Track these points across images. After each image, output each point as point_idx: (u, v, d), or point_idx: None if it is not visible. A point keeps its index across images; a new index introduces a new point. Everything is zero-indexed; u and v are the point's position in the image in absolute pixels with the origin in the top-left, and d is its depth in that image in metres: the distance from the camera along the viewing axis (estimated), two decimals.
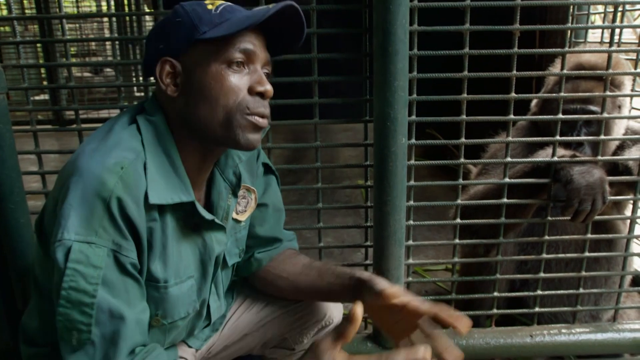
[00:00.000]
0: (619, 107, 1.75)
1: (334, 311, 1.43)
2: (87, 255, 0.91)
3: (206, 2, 1.06)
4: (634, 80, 1.81)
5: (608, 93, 1.59)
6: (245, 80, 1.05)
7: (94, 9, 7.33)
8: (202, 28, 1.01)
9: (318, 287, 1.32)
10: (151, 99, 1.10)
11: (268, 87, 1.06)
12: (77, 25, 7.18)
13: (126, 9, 6.18)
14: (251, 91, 1.05)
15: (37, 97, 7.05)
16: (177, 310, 1.11)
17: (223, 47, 1.02)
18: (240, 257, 1.31)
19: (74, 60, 6.65)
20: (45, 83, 6.11)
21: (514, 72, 1.55)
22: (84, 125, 1.65)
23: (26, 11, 7.02)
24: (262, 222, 1.35)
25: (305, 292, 1.36)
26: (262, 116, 1.07)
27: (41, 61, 5.84)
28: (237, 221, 1.26)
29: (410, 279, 1.75)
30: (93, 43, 7.18)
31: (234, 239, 1.27)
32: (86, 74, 7.18)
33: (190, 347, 1.27)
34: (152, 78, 1.08)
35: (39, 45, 6.22)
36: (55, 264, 0.91)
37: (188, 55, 1.03)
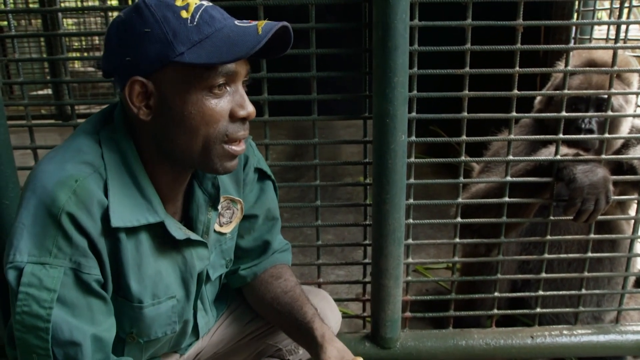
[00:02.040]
0: (628, 101, 1.72)
1: (331, 320, 1.37)
2: (39, 278, 0.88)
3: (177, 2, 0.93)
4: None
5: (615, 90, 1.57)
6: (226, 104, 0.96)
7: (97, 3, 7.32)
8: (179, 47, 0.90)
9: (280, 325, 1.29)
10: (119, 109, 1.01)
11: (250, 110, 0.99)
12: (81, 19, 7.17)
13: (129, 2, 6.16)
14: (233, 116, 0.97)
15: (40, 92, 7.05)
16: (153, 330, 1.07)
17: (204, 72, 0.92)
18: (227, 267, 1.26)
19: (77, 54, 6.66)
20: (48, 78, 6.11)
21: (517, 68, 1.52)
22: (82, 121, 1.63)
23: (30, 5, 7.01)
24: (249, 233, 1.29)
25: (274, 324, 1.33)
26: (241, 140, 1.01)
27: (44, 55, 5.83)
28: (220, 233, 1.20)
29: (409, 278, 1.73)
30: (97, 38, 7.16)
31: (219, 251, 1.22)
32: (90, 69, 7.16)
33: (174, 352, 1.25)
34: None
35: (42, 39, 6.21)
36: (10, 286, 0.89)
37: (162, 75, 0.93)
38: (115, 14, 1.88)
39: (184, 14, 0.92)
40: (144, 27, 0.91)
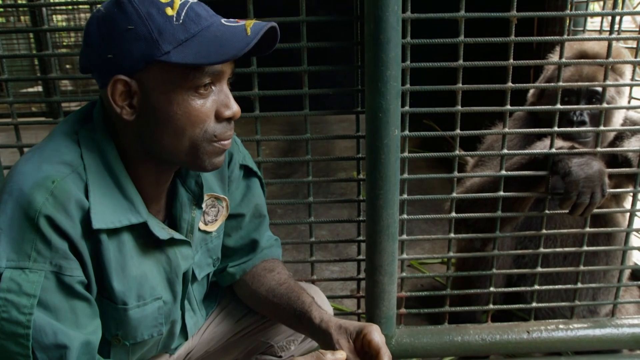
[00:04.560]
0: (619, 92, 1.71)
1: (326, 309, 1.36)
2: (18, 284, 0.86)
3: None
4: (634, 70, 1.77)
5: (609, 82, 1.55)
6: (211, 104, 0.95)
7: None
8: (165, 46, 0.88)
9: (279, 317, 1.26)
10: (98, 108, 0.99)
11: (235, 109, 0.98)
12: (71, 16, 7.09)
13: None
14: (218, 116, 0.96)
15: (31, 89, 6.98)
16: (139, 332, 1.05)
17: (190, 72, 0.90)
18: (214, 266, 1.24)
19: (67, 51, 6.59)
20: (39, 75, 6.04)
21: (511, 60, 1.50)
22: None
23: (19, 1, 6.92)
24: (236, 232, 1.27)
25: (271, 316, 1.31)
26: (229, 139, 1.00)
27: (34, 52, 5.76)
28: (206, 232, 1.18)
29: (404, 274, 1.71)
30: None
31: (205, 250, 1.20)
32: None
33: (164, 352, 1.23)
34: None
35: (32, 35, 6.13)
36: None
37: (146, 74, 0.90)
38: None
39: (169, 11, 0.89)
40: (127, 23, 0.88)
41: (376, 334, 1.07)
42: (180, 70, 0.90)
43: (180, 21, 0.89)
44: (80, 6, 6.25)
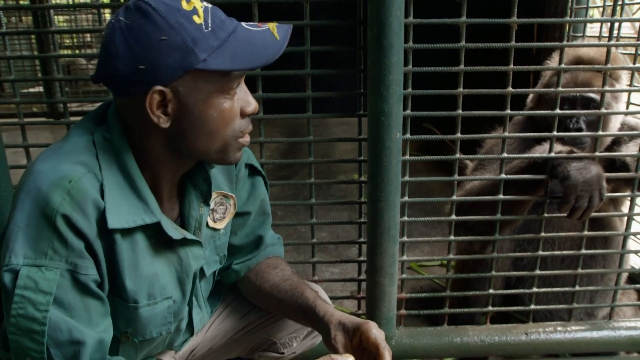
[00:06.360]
0: (616, 97, 1.73)
1: None
2: (35, 281, 0.88)
3: (183, 6, 0.91)
4: (632, 75, 1.79)
5: (607, 87, 1.57)
6: (237, 103, 1.00)
7: (89, 0, 7.23)
8: (201, 55, 0.90)
9: (283, 311, 1.29)
10: (113, 110, 1.00)
11: (255, 104, 1.03)
12: (73, 16, 7.11)
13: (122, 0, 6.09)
14: (242, 113, 1.01)
15: (32, 89, 6.99)
16: (148, 330, 1.07)
17: (223, 76, 0.94)
18: (221, 263, 1.26)
19: (69, 52, 6.61)
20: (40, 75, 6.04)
21: (512, 66, 1.52)
22: (75, 119, 1.61)
23: (21, 2, 6.94)
24: (242, 229, 1.29)
25: (276, 311, 1.33)
26: (249, 132, 1.05)
27: (35, 52, 5.78)
28: (214, 229, 1.20)
29: (404, 275, 1.73)
30: (88, 35, 7.11)
31: (213, 247, 1.22)
32: (81, 61, 7.10)
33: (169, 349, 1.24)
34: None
35: (33, 36, 6.15)
36: (4, 289, 0.88)
37: (180, 82, 0.92)
38: (107, 10, 1.85)
39: (196, 19, 0.91)
40: (160, 34, 0.89)
41: (374, 330, 1.08)
42: (214, 76, 0.93)
43: (210, 28, 0.92)
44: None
